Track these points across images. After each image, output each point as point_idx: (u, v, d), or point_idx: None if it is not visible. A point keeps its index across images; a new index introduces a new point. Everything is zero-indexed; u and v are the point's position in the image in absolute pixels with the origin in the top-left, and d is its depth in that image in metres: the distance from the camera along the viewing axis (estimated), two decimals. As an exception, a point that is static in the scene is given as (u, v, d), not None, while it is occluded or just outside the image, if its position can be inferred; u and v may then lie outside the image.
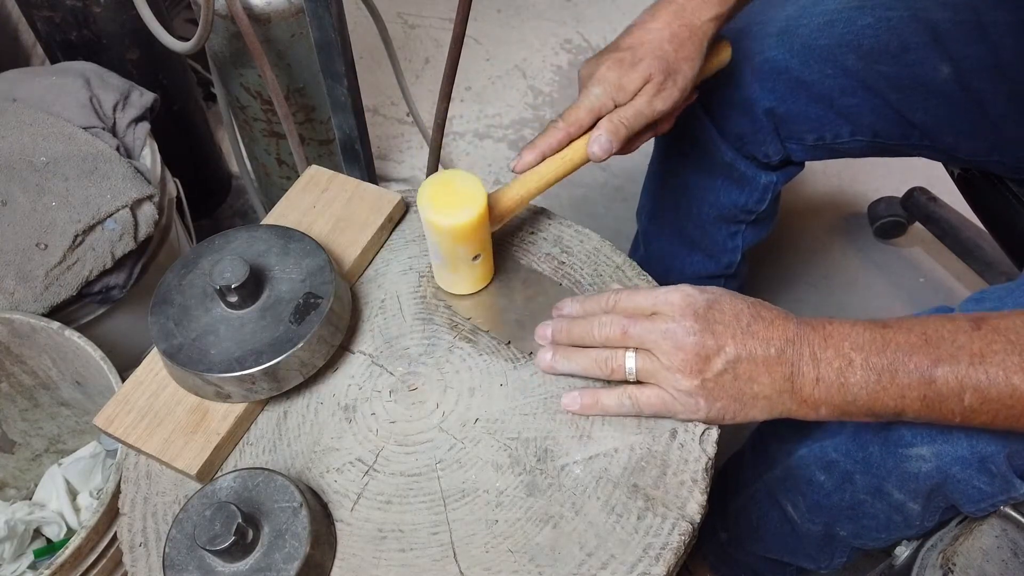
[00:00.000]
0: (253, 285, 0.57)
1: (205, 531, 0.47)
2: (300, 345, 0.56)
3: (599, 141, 0.62)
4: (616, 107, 0.63)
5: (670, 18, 0.65)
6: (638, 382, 0.56)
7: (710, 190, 0.92)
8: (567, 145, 0.64)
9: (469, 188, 0.58)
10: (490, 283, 0.66)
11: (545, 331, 0.60)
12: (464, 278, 0.64)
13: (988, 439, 0.59)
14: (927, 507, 0.66)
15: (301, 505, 0.50)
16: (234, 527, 0.47)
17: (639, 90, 0.64)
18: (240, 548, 0.48)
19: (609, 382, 0.58)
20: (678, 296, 0.55)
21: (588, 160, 0.64)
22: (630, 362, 0.55)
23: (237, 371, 0.55)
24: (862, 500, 0.69)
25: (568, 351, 0.58)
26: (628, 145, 0.66)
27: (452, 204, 0.58)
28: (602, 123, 0.63)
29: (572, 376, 0.60)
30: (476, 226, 0.58)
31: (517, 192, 0.63)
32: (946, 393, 0.49)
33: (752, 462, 0.86)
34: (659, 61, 0.63)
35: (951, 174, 0.94)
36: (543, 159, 0.63)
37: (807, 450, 0.73)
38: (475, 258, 0.62)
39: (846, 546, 0.76)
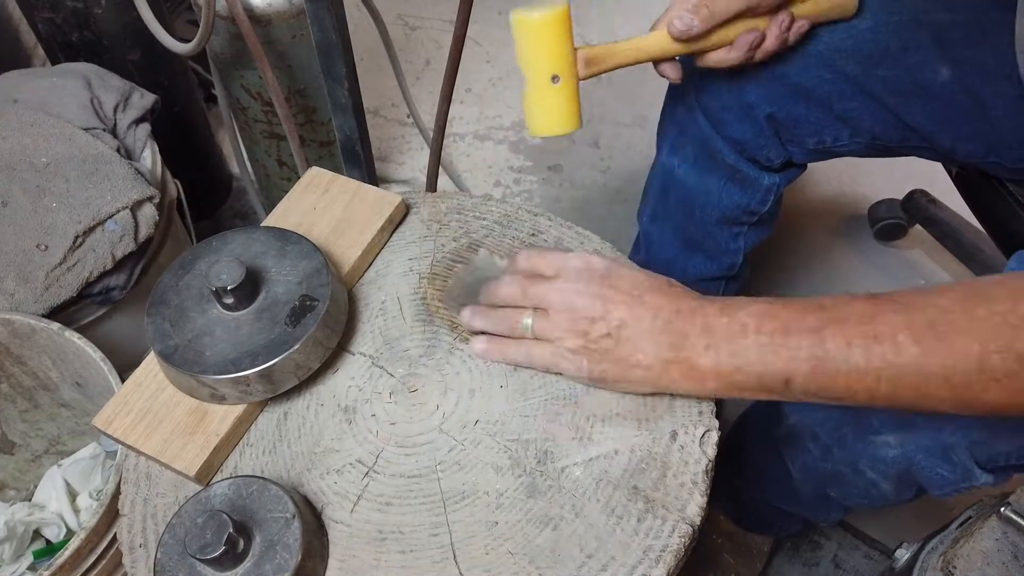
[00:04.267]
0: (249, 287, 0.57)
1: (196, 539, 0.46)
2: (295, 347, 0.56)
3: (681, 18, 0.63)
4: None
5: None
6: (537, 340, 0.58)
7: (712, 192, 0.93)
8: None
9: (553, 3, 0.61)
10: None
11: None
12: (545, 109, 0.64)
13: (951, 430, 0.62)
14: (899, 488, 0.70)
15: (294, 516, 0.50)
16: (225, 536, 0.46)
17: None
18: (230, 558, 0.47)
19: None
20: (579, 261, 0.57)
21: (672, 46, 0.65)
22: (527, 320, 0.58)
23: (232, 373, 0.55)
24: (842, 471, 0.73)
25: (482, 310, 0.61)
26: (720, 40, 0.66)
27: (534, 10, 0.60)
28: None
29: (486, 332, 0.62)
30: (553, 28, 0.60)
31: (619, 48, 0.65)
32: (833, 352, 0.49)
33: (764, 416, 0.89)
34: None
35: (949, 172, 0.94)
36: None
37: (799, 417, 0.78)
38: (554, 79, 0.62)
39: (839, 505, 0.81)
